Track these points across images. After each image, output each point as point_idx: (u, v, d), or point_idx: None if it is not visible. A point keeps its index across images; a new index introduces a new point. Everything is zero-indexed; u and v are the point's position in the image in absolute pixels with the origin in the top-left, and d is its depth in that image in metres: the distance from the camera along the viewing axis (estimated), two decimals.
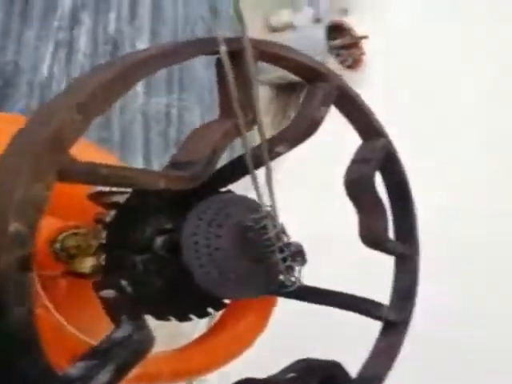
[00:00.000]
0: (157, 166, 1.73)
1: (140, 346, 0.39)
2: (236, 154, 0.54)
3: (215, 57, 0.47)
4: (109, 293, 0.43)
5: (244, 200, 0.56)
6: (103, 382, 0.34)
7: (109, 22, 1.74)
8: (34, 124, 0.36)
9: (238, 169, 0.56)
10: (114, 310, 0.42)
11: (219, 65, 0.46)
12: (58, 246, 0.60)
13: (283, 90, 2.10)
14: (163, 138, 1.76)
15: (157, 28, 1.90)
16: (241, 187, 0.59)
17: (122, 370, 0.36)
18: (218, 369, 0.56)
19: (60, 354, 0.39)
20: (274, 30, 2.26)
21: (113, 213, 0.52)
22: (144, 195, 0.53)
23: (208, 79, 1.98)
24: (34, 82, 1.47)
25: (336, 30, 2.06)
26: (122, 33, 1.77)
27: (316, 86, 0.56)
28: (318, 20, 2.21)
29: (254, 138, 0.53)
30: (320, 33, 2.00)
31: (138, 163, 1.66)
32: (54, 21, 1.58)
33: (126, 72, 0.39)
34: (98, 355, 0.35)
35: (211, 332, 0.59)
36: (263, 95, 2.09)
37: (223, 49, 0.44)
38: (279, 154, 0.55)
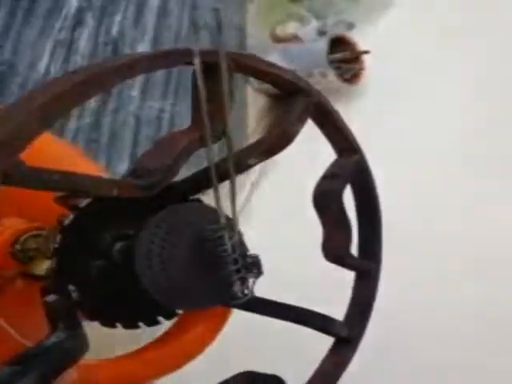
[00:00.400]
0: None
1: (69, 353, 0.39)
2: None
3: None
4: (51, 298, 0.44)
5: (207, 210, 0.57)
6: None
7: (113, 25, 1.75)
8: None
9: (204, 179, 0.57)
10: (53, 316, 0.42)
11: (194, 75, 0.46)
12: (18, 247, 0.61)
13: (280, 99, 2.09)
14: (151, 142, 1.77)
15: (160, 33, 1.91)
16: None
17: (46, 377, 0.36)
18: (159, 378, 0.56)
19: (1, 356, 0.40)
20: (279, 40, 2.28)
21: (71, 216, 0.52)
22: (106, 200, 0.53)
23: None
24: (28, 81, 1.48)
25: (340, 44, 2.07)
26: (124, 35, 1.78)
27: (295, 100, 0.56)
28: (322, 33, 2.22)
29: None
30: (322, 45, 2.00)
31: (124, 166, 1.66)
32: (57, 21, 1.60)
33: (89, 80, 0.39)
34: (23, 361, 0.35)
35: (157, 341, 0.60)
36: (259, 104, 2.10)
37: (197, 61, 0.44)
38: (250, 166, 0.55)
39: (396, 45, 2.06)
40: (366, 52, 2.06)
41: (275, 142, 0.55)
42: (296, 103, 0.56)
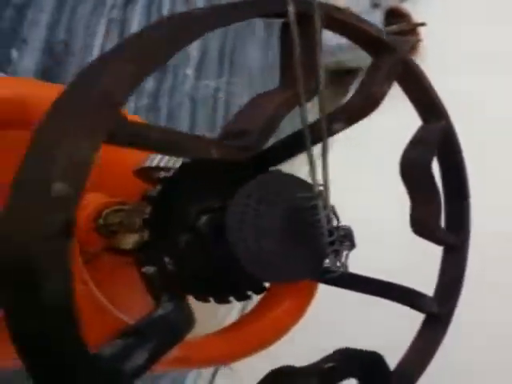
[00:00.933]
0: None
1: (179, 326, 0.37)
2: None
3: (275, 32, 0.45)
4: (150, 269, 0.43)
5: (295, 179, 0.55)
6: (139, 362, 0.32)
7: (164, 2, 1.74)
8: (84, 76, 0.33)
9: (292, 146, 0.55)
10: (154, 287, 0.41)
11: (284, 29, 0.44)
12: (101, 221, 0.60)
13: (338, 76, 2.06)
14: (209, 123, 1.75)
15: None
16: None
17: (159, 351, 0.34)
18: (252, 355, 0.55)
19: (99, 332, 0.39)
20: None
21: (158, 188, 0.51)
22: (191, 171, 0.52)
23: (259, 62, 1.96)
24: (84, 62, 1.48)
25: (393, 16, 2.01)
26: (175, 13, 1.77)
27: (381, 59, 0.53)
28: (375, 5, 2.16)
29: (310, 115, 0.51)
30: (377, 18, 1.95)
31: None
32: None
33: (180, 28, 0.37)
34: (136, 334, 0.33)
35: (247, 317, 0.59)
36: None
37: (291, 9, 0.41)
38: (337, 131, 0.52)
39: (452, 16, 1.99)
40: (423, 24, 2.00)
41: (362, 104, 0.52)
42: (383, 62, 0.53)
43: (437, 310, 0.61)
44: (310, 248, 0.51)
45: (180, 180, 0.52)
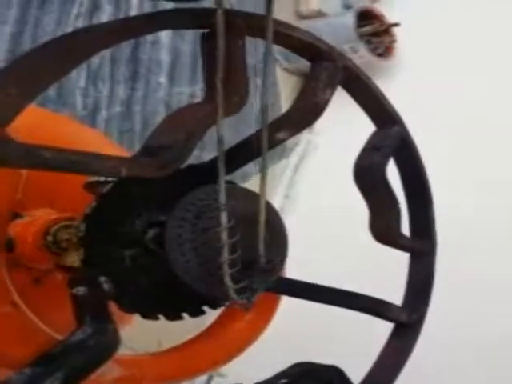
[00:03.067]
0: None
1: (98, 351, 0.35)
2: None
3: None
4: (80, 290, 0.41)
5: (238, 191, 0.52)
6: None
7: (131, 9, 1.71)
8: None
9: (238, 156, 0.53)
10: (80, 309, 0.39)
11: (205, 39, 0.42)
12: (50, 238, 0.58)
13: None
14: None
15: None
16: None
17: (73, 378, 0.32)
18: (210, 371, 0.53)
19: (29, 353, 0.37)
20: (303, 17, 2.22)
21: (93, 203, 0.49)
22: (131, 184, 0.50)
23: None
24: None
25: (366, 17, 2.00)
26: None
27: (319, 65, 0.51)
28: (347, 7, 2.16)
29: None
30: (350, 20, 1.94)
31: None
32: (73, 6, 1.56)
33: (75, 43, 0.35)
34: (48, 361, 0.32)
35: (207, 331, 0.56)
36: (290, 84, 2.05)
37: (220, 19, 0.37)
38: (280, 141, 0.51)
39: (425, 15, 1.99)
40: (396, 24, 1.99)
41: (304, 113, 0.50)
42: (321, 69, 0.51)
43: (406, 319, 0.59)
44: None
45: (119, 193, 0.50)
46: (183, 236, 0.46)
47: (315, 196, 1.75)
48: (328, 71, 0.51)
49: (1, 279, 0.45)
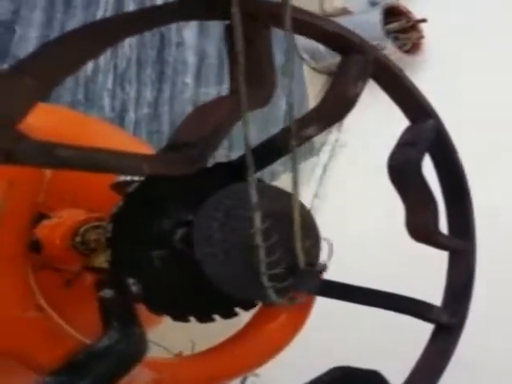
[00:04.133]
0: None
1: (125, 357, 0.34)
2: None
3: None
4: (107, 293, 0.39)
5: (268, 189, 0.51)
6: None
7: None
8: None
9: (266, 153, 0.51)
10: (107, 313, 0.37)
11: (228, 30, 0.39)
12: (79, 238, 0.57)
13: None
14: None
15: (205, 24, 1.87)
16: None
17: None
18: (247, 372, 0.51)
19: (56, 357, 0.35)
20: (328, 15, 2.19)
21: (120, 203, 0.47)
22: (158, 183, 0.48)
23: None
24: (79, 74, 1.46)
25: (392, 14, 1.97)
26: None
27: (350, 58, 0.48)
28: (373, 4, 2.12)
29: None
30: (376, 17, 1.91)
31: None
32: (98, 8, 1.57)
33: (93, 34, 0.34)
34: (73, 369, 0.30)
35: (238, 335, 0.54)
36: (318, 84, 2.02)
37: (235, 10, 0.35)
38: (311, 136, 0.48)
39: (452, 10, 1.94)
40: (423, 20, 1.95)
41: (335, 107, 0.48)
42: (351, 62, 0.48)
43: (447, 320, 0.57)
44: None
45: (147, 193, 0.48)
46: (213, 236, 0.44)
47: (344, 194, 1.73)
48: (359, 64, 0.48)
49: (26, 282, 0.44)
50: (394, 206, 0.54)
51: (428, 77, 1.86)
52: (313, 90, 2.01)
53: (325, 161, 1.93)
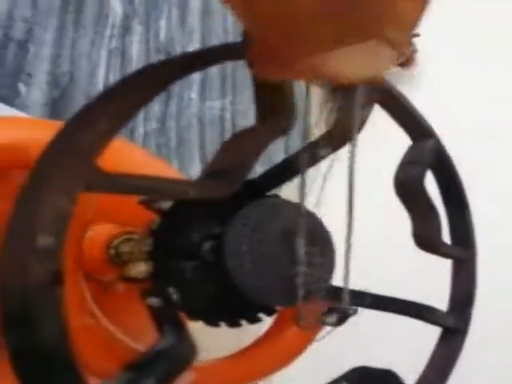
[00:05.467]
0: None
1: (182, 358, 0.38)
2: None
3: None
4: (154, 301, 0.44)
5: (288, 205, 0.55)
6: None
7: (160, 30, 1.76)
8: (63, 133, 0.36)
9: (283, 172, 0.56)
10: (158, 319, 0.42)
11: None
12: (112, 251, 0.61)
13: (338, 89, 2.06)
14: (218, 142, 1.78)
15: (207, 32, 1.92)
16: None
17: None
18: (265, 378, 0.55)
19: (111, 362, 0.39)
20: None
21: (158, 220, 0.52)
22: (189, 201, 0.53)
23: None
24: (90, 92, 1.50)
25: None
26: (173, 40, 1.79)
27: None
28: None
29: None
30: None
31: (195, 167, 1.67)
32: (106, 29, 1.61)
33: (153, 77, 0.38)
34: (138, 369, 0.34)
35: (259, 341, 0.59)
36: (316, 96, 2.07)
37: None
38: (322, 158, 0.54)
39: (448, 26, 2.00)
40: (416, 35, 2.01)
41: (345, 130, 0.52)
42: (359, 88, 0.52)
43: (452, 324, 0.61)
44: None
45: (180, 209, 0.53)
46: (241, 248, 0.49)
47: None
48: (366, 90, 0.53)
49: (82, 292, 0.48)
50: (393, 215, 0.59)
51: (420, 88, 1.92)
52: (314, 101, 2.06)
53: (323, 173, 1.97)
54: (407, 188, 0.56)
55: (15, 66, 1.37)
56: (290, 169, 0.56)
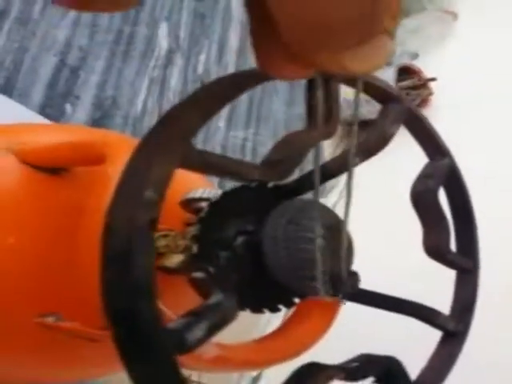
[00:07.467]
0: None
1: (228, 312, 0.42)
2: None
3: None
4: (199, 274, 0.48)
5: (318, 205, 0.59)
6: (198, 335, 0.38)
7: (198, 63, 1.84)
8: (164, 119, 0.41)
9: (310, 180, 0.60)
10: (204, 287, 0.46)
11: (309, 85, 0.49)
12: None
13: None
14: None
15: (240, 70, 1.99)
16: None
17: (212, 330, 0.39)
18: (281, 362, 0.58)
19: None
20: None
21: (206, 209, 0.57)
22: (231, 199, 0.57)
23: (284, 115, 2.04)
24: (129, 115, 1.57)
25: (406, 73, 2.08)
26: (209, 72, 1.87)
27: (389, 106, 0.59)
28: (388, 63, 2.24)
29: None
30: (391, 75, 2.02)
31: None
32: (150, 60, 1.70)
33: (235, 81, 0.45)
34: (194, 315, 0.39)
35: (278, 330, 0.61)
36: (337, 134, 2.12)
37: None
38: (354, 166, 0.58)
39: (460, 69, 2.04)
40: (433, 79, 2.06)
41: (374, 144, 0.58)
42: (390, 109, 0.58)
43: (453, 328, 0.63)
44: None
45: (222, 205, 0.58)
46: (277, 237, 0.53)
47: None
48: (396, 110, 0.58)
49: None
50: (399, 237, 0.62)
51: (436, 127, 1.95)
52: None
53: (333, 201, 2.00)
54: (423, 198, 0.60)
55: (65, 88, 1.45)
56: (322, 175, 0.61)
